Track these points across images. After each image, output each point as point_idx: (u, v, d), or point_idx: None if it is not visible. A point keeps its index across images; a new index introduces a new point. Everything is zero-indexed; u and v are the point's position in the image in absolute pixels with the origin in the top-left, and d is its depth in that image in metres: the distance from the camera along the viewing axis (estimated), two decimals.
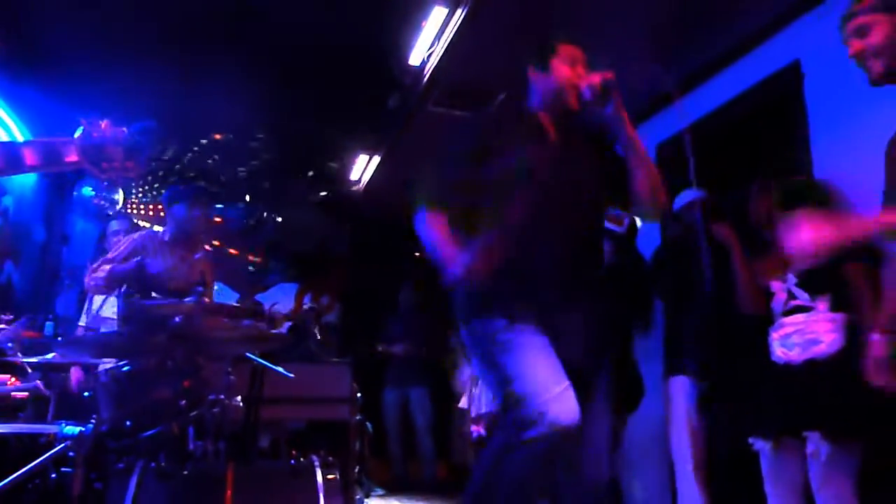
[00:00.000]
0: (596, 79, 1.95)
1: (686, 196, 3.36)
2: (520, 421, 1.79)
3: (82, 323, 3.79)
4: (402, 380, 5.72)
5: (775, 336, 2.51)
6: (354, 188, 6.01)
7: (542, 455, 1.78)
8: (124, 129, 1.53)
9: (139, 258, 3.08)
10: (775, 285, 2.55)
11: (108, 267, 3.12)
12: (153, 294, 2.93)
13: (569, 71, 2.05)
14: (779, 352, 2.48)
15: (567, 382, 1.82)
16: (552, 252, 1.98)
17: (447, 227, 2.01)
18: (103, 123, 1.51)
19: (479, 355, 2.00)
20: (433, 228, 2.00)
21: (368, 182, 5.82)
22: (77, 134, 1.51)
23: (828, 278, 2.39)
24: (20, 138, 4.91)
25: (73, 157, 1.52)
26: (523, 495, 1.83)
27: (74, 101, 4.14)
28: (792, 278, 2.49)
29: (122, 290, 2.98)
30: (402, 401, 5.74)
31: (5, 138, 4.37)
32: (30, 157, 1.52)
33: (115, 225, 4.22)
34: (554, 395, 1.78)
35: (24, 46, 3.91)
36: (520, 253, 1.94)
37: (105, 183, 5.05)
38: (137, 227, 3.45)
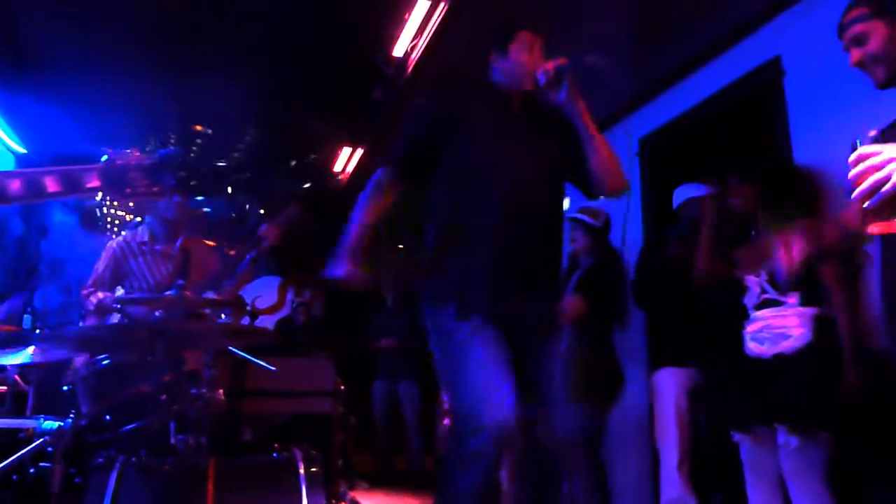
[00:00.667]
0: (550, 65, 2.01)
1: (685, 192, 3.36)
2: (463, 431, 1.83)
3: None
4: (391, 373, 5.72)
5: (748, 330, 2.57)
6: (338, 180, 5.99)
7: (488, 463, 1.81)
8: (148, 155, 1.56)
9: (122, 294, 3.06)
10: (749, 279, 2.61)
11: (95, 300, 3.06)
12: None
13: (525, 56, 2.12)
14: (751, 345, 2.55)
15: (509, 385, 1.85)
16: (511, 230, 2.02)
17: (376, 215, 2.13)
18: (132, 152, 1.55)
19: (438, 354, 2.04)
20: (366, 207, 2.14)
21: (352, 174, 5.80)
22: (102, 161, 1.55)
23: (799, 276, 2.45)
24: (11, 144, 4.86)
25: (94, 184, 1.57)
26: (477, 485, 1.84)
27: (52, 89, 4.11)
28: (764, 275, 2.55)
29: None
30: (390, 394, 5.74)
31: None
32: (51, 184, 1.55)
33: None
34: (494, 403, 1.81)
35: (13, 51, 3.88)
36: (477, 235, 2.01)
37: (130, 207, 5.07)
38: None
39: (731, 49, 3.42)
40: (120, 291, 3.15)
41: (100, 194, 5.23)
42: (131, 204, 5.46)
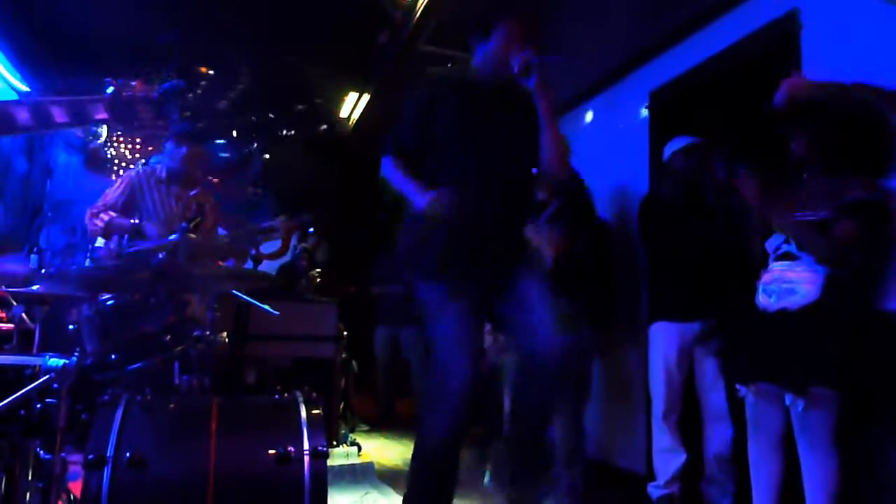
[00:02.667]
0: (523, 54, 2.20)
1: (675, 143, 3.36)
2: (433, 393, 2.17)
3: None
4: (393, 319, 5.76)
5: (762, 280, 2.52)
6: (345, 126, 5.93)
7: (448, 425, 2.14)
8: (154, 87, 1.57)
9: (136, 220, 3.12)
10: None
11: (106, 217, 3.11)
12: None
13: (504, 44, 2.29)
14: (760, 298, 2.50)
15: (467, 363, 2.14)
16: (487, 206, 2.25)
17: (407, 170, 2.31)
18: (136, 83, 1.55)
19: (423, 316, 2.33)
20: (395, 170, 2.32)
21: (359, 120, 5.74)
22: (107, 92, 1.55)
23: (819, 230, 2.36)
24: (14, 82, 4.82)
25: (102, 115, 1.58)
26: (450, 460, 2.18)
27: (54, 26, 4.04)
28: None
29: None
30: (392, 339, 5.80)
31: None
32: (59, 115, 1.56)
33: None
34: (457, 375, 2.12)
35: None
36: (457, 210, 2.19)
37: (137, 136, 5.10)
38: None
39: (748, 1, 3.32)
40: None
41: (106, 127, 5.22)
42: (138, 140, 5.44)
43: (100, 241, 3.73)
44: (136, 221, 3.11)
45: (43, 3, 4.01)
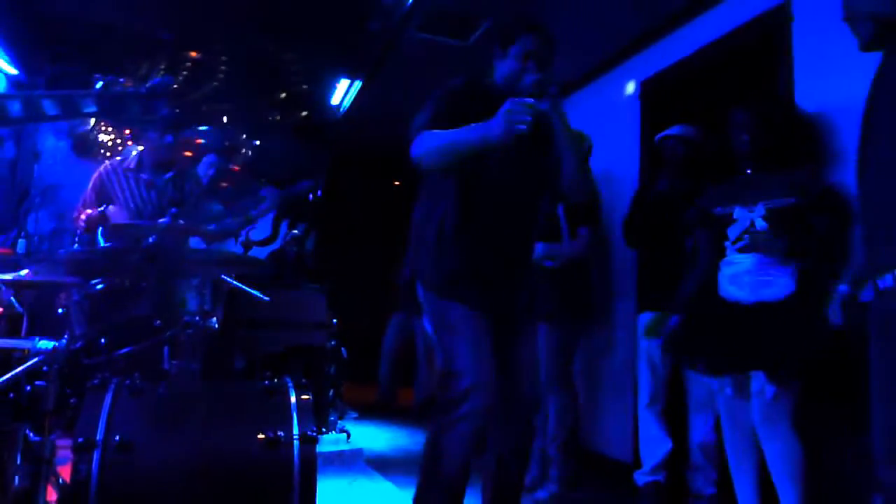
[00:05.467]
0: (536, 76, 2.18)
1: (662, 133, 3.40)
2: (451, 399, 2.10)
3: None
4: (411, 305, 5.73)
5: (725, 273, 2.52)
6: (335, 114, 5.90)
7: (471, 431, 2.08)
8: (143, 84, 1.60)
9: (104, 206, 3.11)
10: (738, 211, 2.53)
11: (83, 216, 3.14)
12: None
13: (520, 63, 2.25)
14: (728, 289, 2.49)
15: (491, 369, 2.12)
16: (500, 232, 2.25)
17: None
18: (125, 81, 1.58)
19: (431, 326, 2.35)
20: (436, 134, 2.12)
21: (350, 108, 5.71)
22: (97, 87, 1.57)
23: (792, 220, 2.41)
24: (3, 66, 4.78)
25: (91, 109, 1.59)
26: (461, 467, 2.12)
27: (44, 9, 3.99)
28: (761, 209, 2.48)
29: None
30: (406, 325, 5.79)
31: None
32: (50, 108, 1.57)
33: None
34: (481, 381, 2.08)
35: None
36: (472, 234, 2.22)
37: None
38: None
39: None
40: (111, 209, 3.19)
41: (93, 120, 5.18)
42: (127, 131, 5.41)
43: None
44: (101, 209, 3.12)
45: None
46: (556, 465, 3.29)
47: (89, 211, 3.15)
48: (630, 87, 4.09)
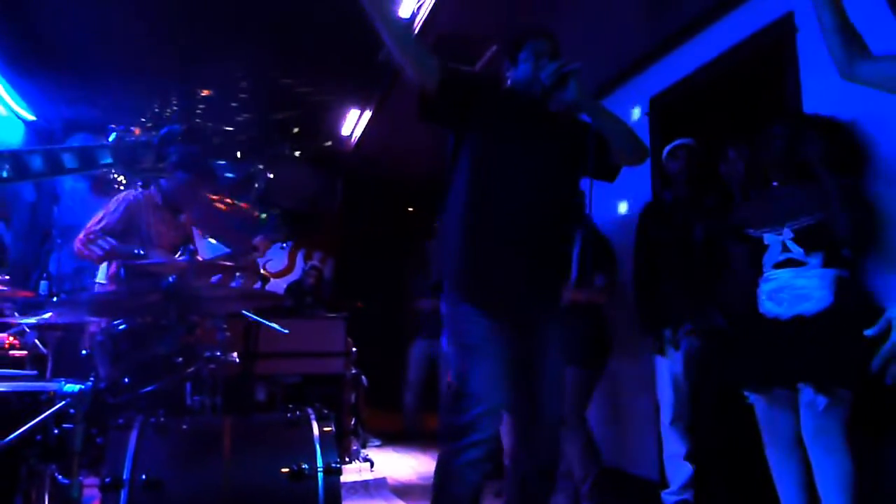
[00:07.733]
0: (553, 67, 2.10)
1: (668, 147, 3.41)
2: (461, 426, 2.02)
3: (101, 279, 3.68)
4: (432, 332, 5.72)
5: (764, 289, 2.54)
6: (347, 143, 5.97)
7: (481, 458, 2.02)
8: (153, 133, 1.65)
9: (137, 248, 3.02)
10: (768, 237, 2.56)
11: (106, 245, 3.03)
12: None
13: (532, 63, 2.22)
14: (767, 306, 2.51)
15: (506, 395, 2.06)
16: (530, 236, 2.16)
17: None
18: (136, 130, 1.65)
19: (451, 342, 2.25)
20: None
21: (361, 137, 5.78)
22: (111, 139, 1.63)
23: (823, 235, 2.41)
24: (20, 111, 4.90)
25: (107, 160, 1.65)
26: (472, 492, 2.07)
27: (58, 56, 4.10)
28: (788, 232, 2.50)
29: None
30: (428, 353, 5.79)
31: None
32: (69, 161, 1.63)
33: None
34: (494, 408, 2.03)
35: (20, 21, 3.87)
36: (497, 240, 2.12)
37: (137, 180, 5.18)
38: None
39: (742, 5, 3.35)
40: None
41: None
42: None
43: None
44: (141, 252, 3.02)
45: (48, 31, 4.06)
46: (581, 489, 3.24)
47: (112, 240, 3.01)
48: (637, 109, 4.11)
